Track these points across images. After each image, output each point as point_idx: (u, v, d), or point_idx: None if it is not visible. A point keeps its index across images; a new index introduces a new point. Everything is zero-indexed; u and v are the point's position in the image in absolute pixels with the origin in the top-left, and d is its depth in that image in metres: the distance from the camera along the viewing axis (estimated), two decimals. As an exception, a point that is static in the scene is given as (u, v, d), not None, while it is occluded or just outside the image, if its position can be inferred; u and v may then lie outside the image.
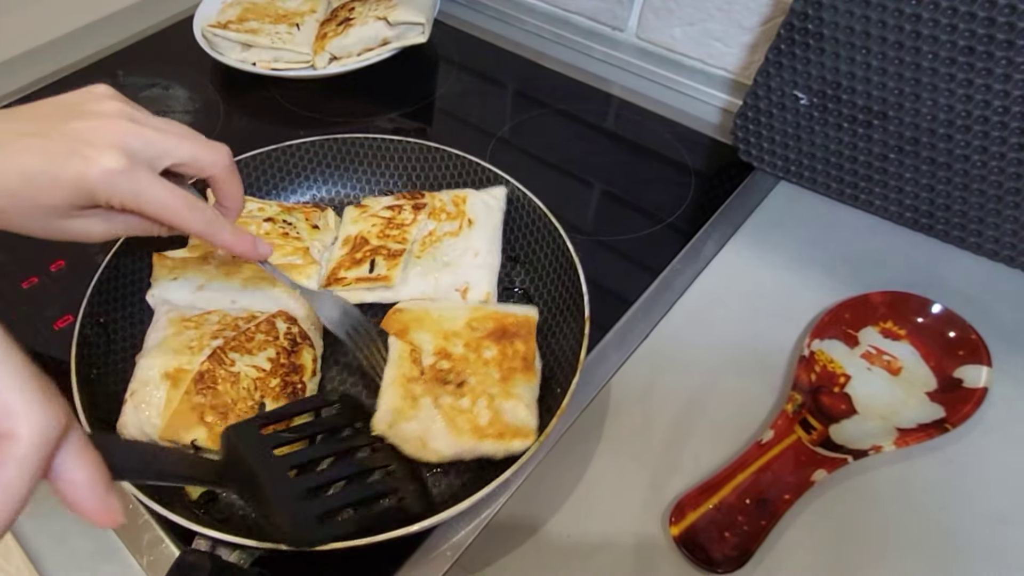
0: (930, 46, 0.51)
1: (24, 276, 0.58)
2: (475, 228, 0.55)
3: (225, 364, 0.45)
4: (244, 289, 0.51)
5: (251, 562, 0.38)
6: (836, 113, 0.58)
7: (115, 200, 0.37)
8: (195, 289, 0.51)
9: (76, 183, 0.36)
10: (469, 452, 0.43)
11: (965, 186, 0.56)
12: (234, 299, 0.51)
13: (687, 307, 0.56)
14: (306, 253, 0.54)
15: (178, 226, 0.40)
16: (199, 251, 0.53)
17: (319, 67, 0.76)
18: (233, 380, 0.44)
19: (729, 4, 0.69)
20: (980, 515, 0.45)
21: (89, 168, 0.36)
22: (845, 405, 0.49)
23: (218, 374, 0.44)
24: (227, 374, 0.45)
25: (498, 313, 0.49)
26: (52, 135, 0.37)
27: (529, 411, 0.44)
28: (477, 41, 0.85)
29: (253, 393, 0.45)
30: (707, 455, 0.47)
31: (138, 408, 0.43)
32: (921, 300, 0.53)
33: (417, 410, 0.43)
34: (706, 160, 0.69)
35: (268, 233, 0.55)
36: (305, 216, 0.58)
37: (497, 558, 0.43)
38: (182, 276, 0.51)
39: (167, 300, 0.50)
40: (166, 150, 0.39)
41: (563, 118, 0.74)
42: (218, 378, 0.44)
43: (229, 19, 0.78)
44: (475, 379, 0.45)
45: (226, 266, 0.52)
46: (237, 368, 0.45)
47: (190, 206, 0.39)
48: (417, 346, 0.47)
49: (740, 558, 0.41)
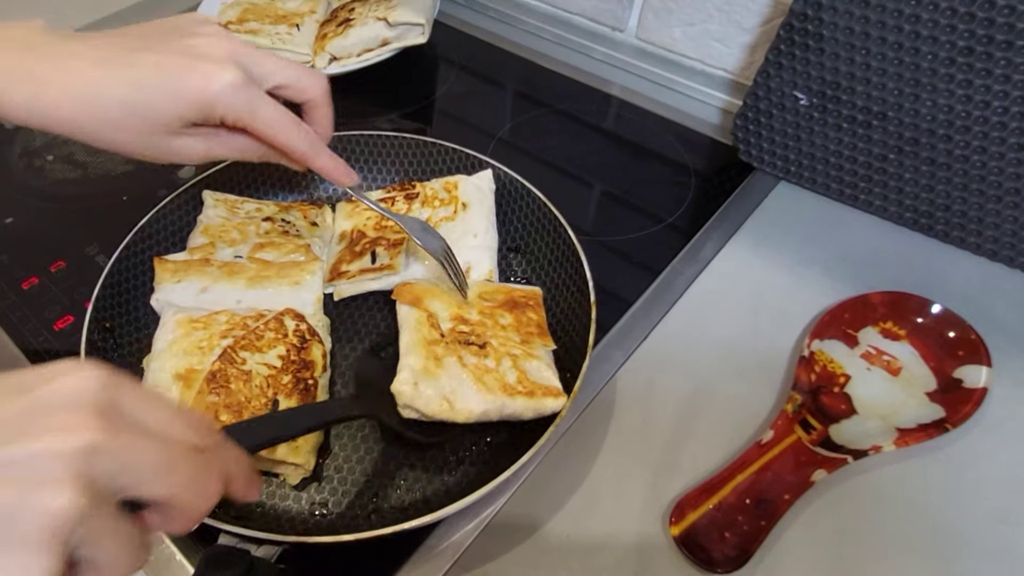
0: (929, 47, 0.51)
1: (24, 276, 0.58)
2: (470, 211, 0.56)
3: (236, 363, 0.45)
4: (249, 289, 0.51)
5: (275, 558, 0.39)
6: (836, 113, 0.58)
7: (231, 115, 0.38)
8: (199, 291, 0.51)
9: (196, 97, 0.36)
10: (498, 410, 0.43)
11: (964, 186, 0.56)
12: (239, 299, 0.51)
13: (687, 307, 0.56)
14: (308, 250, 0.55)
15: (284, 144, 0.41)
16: (200, 253, 0.53)
17: (319, 68, 0.76)
18: (245, 378, 0.45)
19: (729, 5, 0.69)
20: (980, 515, 0.45)
21: (210, 83, 0.36)
22: (845, 405, 0.49)
23: (230, 373, 0.45)
24: (239, 372, 0.45)
25: (505, 287, 0.50)
26: (166, 51, 0.37)
27: (552, 372, 0.44)
28: (477, 42, 0.85)
29: (266, 391, 0.45)
30: (707, 455, 0.47)
31: None
32: (921, 300, 0.53)
33: (442, 369, 0.43)
34: (706, 160, 0.70)
35: (268, 232, 0.55)
36: (303, 214, 0.58)
37: (497, 557, 0.43)
38: (185, 279, 0.51)
39: (172, 303, 0.50)
40: (273, 69, 0.40)
41: (563, 118, 0.74)
42: (230, 377, 0.44)
43: (229, 20, 0.78)
44: (496, 341, 0.45)
45: (228, 267, 0.52)
46: (248, 366, 0.45)
47: (297, 125, 0.40)
48: (433, 313, 0.47)
49: (740, 558, 0.41)
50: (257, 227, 0.55)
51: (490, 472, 0.41)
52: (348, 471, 0.45)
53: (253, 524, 0.39)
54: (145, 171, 0.68)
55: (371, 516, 0.43)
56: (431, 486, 0.45)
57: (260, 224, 0.56)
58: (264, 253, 0.54)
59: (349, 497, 0.44)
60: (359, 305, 0.55)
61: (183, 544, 0.43)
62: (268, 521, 0.43)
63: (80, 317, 0.51)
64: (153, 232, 0.55)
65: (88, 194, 0.66)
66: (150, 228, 0.54)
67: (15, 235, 0.62)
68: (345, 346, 0.52)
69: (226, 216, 0.56)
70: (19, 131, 0.73)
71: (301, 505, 0.44)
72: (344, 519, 0.43)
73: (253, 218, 0.56)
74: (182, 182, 0.59)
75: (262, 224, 0.56)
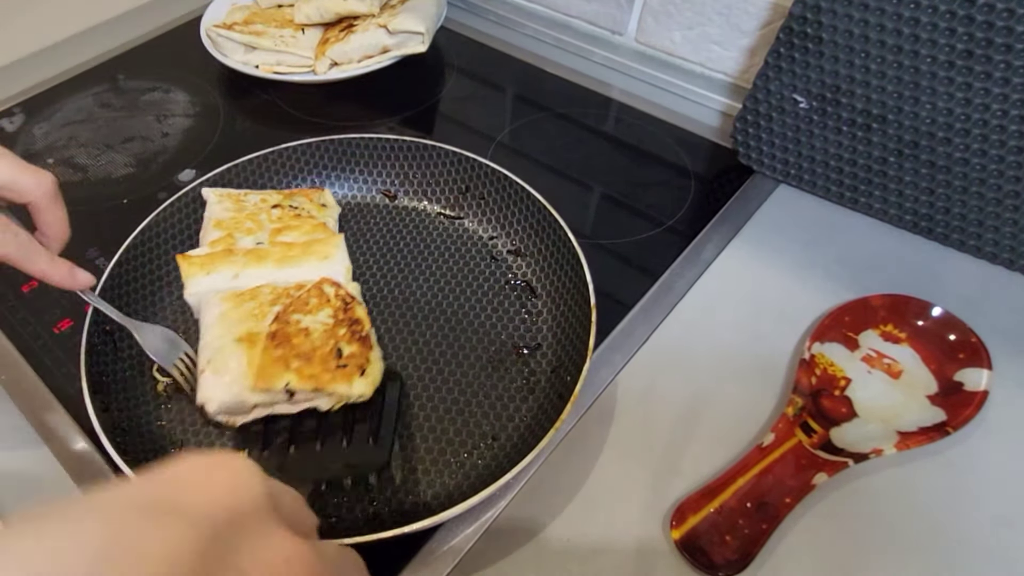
0: (929, 49, 0.51)
1: (25, 279, 0.58)
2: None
3: (292, 324, 0.46)
4: (279, 269, 0.52)
5: None
6: (835, 116, 0.58)
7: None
8: (231, 279, 0.51)
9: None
10: None
11: (964, 189, 0.56)
12: (272, 280, 0.51)
13: (687, 311, 0.56)
14: (325, 228, 0.55)
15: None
16: (221, 245, 0.53)
17: (320, 72, 0.76)
18: (305, 333, 0.46)
19: (728, 8, 0.69)
20: (981, 518, 0.45)
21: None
22: (846, 408, 0.49)
23: (289, 331, 0.46)
24: (297, 330, 0.46)
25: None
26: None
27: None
28: (477, 45, 0.85)
29: (327, 340, 0.46)
30: (708, 458, 0.47)
31: (220, 372, 0.44)
32: (921, 303, 0.53)
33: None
34: (706, 163, 0.70)
35: (281, 217, 0.56)
36: (308, 198, 0.59)
37: (497, 561, 0.42)
38: (215, 270, 0.51)
39: (211, 289, 0.51)
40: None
41: (563, 122, 0.75)
42: (290, 335, 0.45)
43: (235, 21, 0.79)
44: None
45: (253, 253, 0.52)
46: (304, 324, 0.46)
47: (2, 228, 0.38)
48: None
49: (741, 562, 0.41)
50: (268, 215, 0.56)
51: (490, 475, 0.41)
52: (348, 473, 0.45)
53: None
54: (145, 174, 0.68)
55: (371, 519, 0.43)
56: (431, 489, 0.45)
57: (271, 211, 0.56)
58: (283, 236, 0.54)
59: (348, 500, 0.44)
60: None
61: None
62: None
63: (80, 320, 0.51)
64: (153, 235, 0.55)
65: (88, 197, 0.66)
66: (150, 231, 0.55)
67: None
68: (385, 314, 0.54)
69: (234, 209, 0.56)
70: (19, 134, 0.73)
71: (301, 508, 0.44)
72: (344, 522, 0.43)
73: (261, 208, 0.57)
74: (182, 185, 0.59)
75: (272, 211, 0.56)
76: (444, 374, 0.51)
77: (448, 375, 0.51)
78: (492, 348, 0.52)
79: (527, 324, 0.54)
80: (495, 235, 0.60)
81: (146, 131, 0.73)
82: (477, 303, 0.55)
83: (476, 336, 0.53)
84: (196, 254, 0.52)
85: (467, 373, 0.51)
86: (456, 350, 0.52)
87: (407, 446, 0.47)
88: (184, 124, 0.75)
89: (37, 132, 0.73)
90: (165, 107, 0.76)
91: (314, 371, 0.43)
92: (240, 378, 0.43)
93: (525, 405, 0.49)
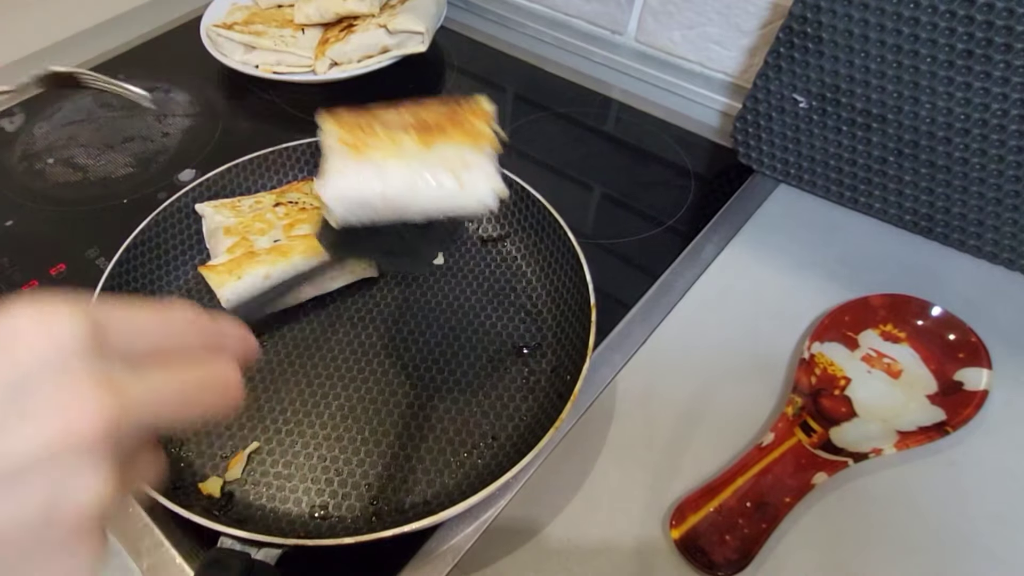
0: (928, 49, 0.51)
1: (24, 279, 0.58)
2: None
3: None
4: (307, 260, 0.52)
5: (276, 561, 0.38)
6: (835, 116, 0.58)
7: None
8: (263, 279, 0.51)
9: None
10: None
11: (964, 188, 0.56)
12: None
13: (687, 310, 0.56)
14: None
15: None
16: (239, 250, 0.53)
17: (320, 72, 0.76)
18: None
19: (728, 8, 0.69)
20: (981, 517, 0.45)
21: None
22: (845, 408, 0.49)
23: None
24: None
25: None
26: None
27: None
28: (477, 45, 0.85)
29: None
30: (707, 458, 0.47)
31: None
32: (921, 303, 0.53)
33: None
34: (706, 163, 0.70)
35: (287, 213, 0.56)
36: (299, 191, 0.60)
37: (497, 560, 0.42)
38: (244, 274, 0.51)
39: (248, 291, 0.50)
40: None
41: (563, 121, 0.75)
42: None
43: (235, 21, 0.79)
44: None
45: (276, 250, 0.52)
46: None
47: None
48: None
49: (741, 561, 0.41)
50: (274, 213, 0.56)
51: (490, 475, 0.41)
52: (348, 474, 0.45)
53: (253, 527, 0.39)
54: (145, 174, 0.68)
55: (371, 519, 0.43)
56: (431, 489, 0.45)
57: (275, 210, 0.56)
58: (297, 230, 0.54)
59: (349, 500, 0.44)
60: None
61: (183, 547, 0.43)
62: (268, 524, 0.43)
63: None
64: (153, 235, 0.55)
65: (89, 197, 0.66)
66: (150, 231, 0.55)
67: (15, 238, 0.62)
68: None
69: (236, 215, 0.56)
70: (19, 134, 0.73)
71: (301, 508, 0.44)
72: (344, 522, 0.43)
73: (262, 209, 0.57)
74: (182, 185, 0.59)
75: (276, 209, 0.57)
76: (444, 374, 0.51)
77: (448, 375, 0.51)
78: (492, 348, 0.52)
79: (527, 324, 0.54)
80: (495, 235, 0.60)
81: (146, 131, 0.74)
82: (477, 303, 0.55)
83: (476, 336, 0.53)
84: (218, 262, 0.52)
85: (467, 373, 0.51)
86: (456, 350, 0.52)
87: (407, 446, 0.47)
88: (184, 124, 0.75)
89: (37, 132, 0.74)
90: (166, 106, 0.76)
91: None
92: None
93: (525, 405, 0.49)
